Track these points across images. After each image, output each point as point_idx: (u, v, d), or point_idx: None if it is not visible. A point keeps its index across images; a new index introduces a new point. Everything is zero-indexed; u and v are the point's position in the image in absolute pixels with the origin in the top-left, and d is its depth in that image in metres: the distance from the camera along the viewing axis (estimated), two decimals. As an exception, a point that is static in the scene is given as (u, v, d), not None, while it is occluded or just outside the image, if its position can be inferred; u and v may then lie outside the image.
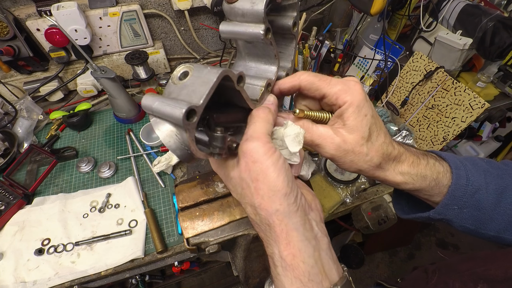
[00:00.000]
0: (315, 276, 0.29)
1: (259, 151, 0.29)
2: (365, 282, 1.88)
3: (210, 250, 0.45)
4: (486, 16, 0.96)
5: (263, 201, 0.29)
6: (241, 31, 0.32)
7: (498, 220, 0.37)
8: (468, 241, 2.04)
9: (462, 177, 0.36)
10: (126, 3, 1.05)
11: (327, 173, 0.90)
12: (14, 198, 0.82)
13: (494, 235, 0.39)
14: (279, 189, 0.28)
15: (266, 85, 0.34)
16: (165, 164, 0.89)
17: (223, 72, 0.26)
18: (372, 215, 0.88)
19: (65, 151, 0.95)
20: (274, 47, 0.33)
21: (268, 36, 0.31)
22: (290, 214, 0.29)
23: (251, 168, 0.29)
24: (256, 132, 0.30)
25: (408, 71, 1.06)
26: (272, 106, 0.34)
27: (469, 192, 0.36)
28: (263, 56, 0.35)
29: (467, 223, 0.38)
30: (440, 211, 0.37)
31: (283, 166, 0.29)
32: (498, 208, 0.37)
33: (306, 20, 1.22)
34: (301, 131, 0.32)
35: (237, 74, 0.29)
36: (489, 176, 0.38)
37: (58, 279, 0.70)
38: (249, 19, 0.31)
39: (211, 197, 0.49)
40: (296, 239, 0.29)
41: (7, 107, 0.99)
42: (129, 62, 1.01)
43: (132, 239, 0.77)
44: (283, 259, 0.29)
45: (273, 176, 0.28)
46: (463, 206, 0.36)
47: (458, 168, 0.37)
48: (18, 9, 0.99)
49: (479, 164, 0.39)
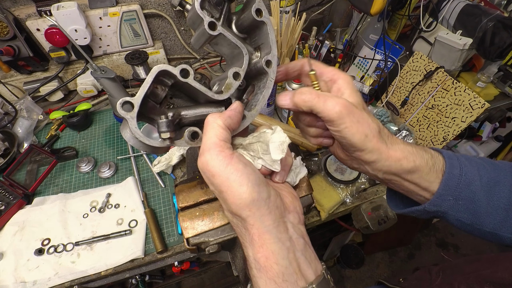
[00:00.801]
0: (289, 277, 0.29)
1: (214, 164, 0.28)
2: (365, 282, 1.88)
3: (210, 250, 0.44)
4: (486, 16, 0.96)
5: (232, 210, 0.30)
6: (198, 35, 0.34)
7: (493, 214, 0.37)
8: (468, 241, 2.04)
9: (456, 167, 0.36)
10: (126, 3, 1.05)
11: (327, 173, 0.90)
12: (14, 198, 0.82)
13: (490, 231, 0.38)
14: (244, 197, 0.28)
15: (233, 74, 0.33)
16: (165, 164, 0.89)
17: (157, 68, 0.28)
18: (372, 215, 0.88)
19: (65, 151, 0.95)
20: (230, 38, 0.33)
21: (215, 28, 0.32)
22: (261, 218, 0.29)
23: (213, 181, 0.29)
24: (206, 144, 0.30)
25: (408, 71, 1.06)
26: (229, 112, 0.33)
27: (463, 183, 0.36)
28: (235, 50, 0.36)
29: (462, 217, 0.37)
30: (436, 201, 0.36)
31: (244, 171, 0.29)
32: (492, 202, 0.37)
33: (306, 20, 1.22)
34: (286, 140, 0.32)
35: (179, 67, 0.30)
36: (482, 169, 0.38)
37: (58, 279, 0.70)
38: (197, 21, 0.32)
39: (211, 197, 0.49)
40: (269, 242, 0.29)
41: (7, 107, 0.99)
42: (129, 62, 1.01)
43: (132, 239, 0.77)
44: (256, 261, 0.29)
45: (235, 187, 0.28)
46: (458, 197, 0.36)
47: (452, 158, 0.37)
48: (18, 9, 0.99)
49: (472, 158, 0.39)
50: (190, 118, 0.33)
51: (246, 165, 0.30)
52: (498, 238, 0.39)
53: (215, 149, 0.29)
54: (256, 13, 0.33)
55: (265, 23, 0.35)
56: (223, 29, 0.32)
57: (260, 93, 0.36)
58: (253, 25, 0.36)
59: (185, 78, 0.30)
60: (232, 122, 0.32)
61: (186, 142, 0.32)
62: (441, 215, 0.38)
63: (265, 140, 0.33)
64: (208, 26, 0.31)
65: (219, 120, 0.31)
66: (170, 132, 0.30)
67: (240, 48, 0.34)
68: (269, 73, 0.35)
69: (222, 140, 0.30)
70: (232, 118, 0.32)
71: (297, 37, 1.07)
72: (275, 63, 0.35)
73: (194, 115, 0.33)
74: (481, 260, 0.49)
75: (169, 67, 0.29)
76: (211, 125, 0.31)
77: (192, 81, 0.31)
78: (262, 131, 0.34)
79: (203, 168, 0.29)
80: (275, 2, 1.04)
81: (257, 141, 0.34)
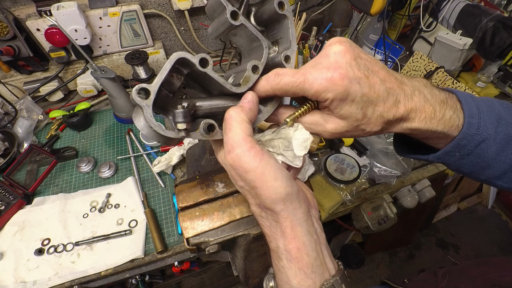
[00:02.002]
0: (317, 268, 0.30)
1: (247, 160, 0.28)
2: (365, 282, 1.88)
3: (210, 250, 0.44)
4: (486, 16, 0.96)
5: (266, 204, 0.29)
6: (217, 24, 0.33)
7: (495, 167, 0.37)
8: (468, 241, 2.05)
9: (473, 126, 0.34)
10: (126, 3, 1.05)
11: (327, 173, 0.90)
12: (14, 198, 0.82)
13: (485, 179, 0.38)
14: (280, 191, 0.28)
15: (251, 67, 0.32)
16: (165, 164, 0.89)
17: (176, 55, 0.27)
18: (372, 215, 0.88)
19: (65, 151, 0.95)
20: (251, 30, 0.33)
21: (237, 18, 0.31)
22: (294, 211, 0.30)
23: (246, 178, 0.28)
24: (235, 140, 0.28)
25: (408, 71, 1.06)
26: (248, 104, 0.31)
27: (475, 141, 0.34)
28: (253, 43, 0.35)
29: (463, 168, 0.38)
30: (440, 156, 0.36)
31: (277, 166, 0.29)
32: (500, 157, 0.36)
33: (306, 20, 1.22)
34: (310, 137, 0.32)
35: (198, 56, 0.29)
36: (502, 124, 0.35)
37: (58, 279, 0.70)
38: (218, 10, 0.32)
39: (211, 197, 0.49)
40: (301, 234, 0.30)
41: (7, 107, 0.99)
42: (129, 62, 1.01)
43: (132, 239, 0.77)
44: (288, 252, 0.30)
45: (270, 181, 0.28)
46: (465, 153, 0.35)
47: (472, 116, 0.34)
48: (18, 9, 0.99)
49: (496, 109, 0.36)
50: (204, 109, 0.32)
51: (276, 160, 0.30)
52: (492, 184, 0.39)
53: (245, 145, 0.28)
54: (278, 5, 0.33)
55: (287, 17, 0.34)
56: (244, 19, 0.32)
57: None
58: (273, 18, 0.35)
59: (204, 67, 0.29)
60: (254, 115, 0.32)
61: (201, 134, 0.31)
62: (442, 163, 0.38)
63: (287, 137, 0.33)
64: (230, 15, 0.31)
65: (243, 114, 0.30)
66: (187, 123, 0.29)
67: (260, 40, 0.34)
68: (287, 68, 0.34)
69: (249, 136, 0.29)
70: (253, 110, 0.32)
71: (297, 37, 1.06)
72: (293, 58, 0.35)
73: (209, 107, 0.32)
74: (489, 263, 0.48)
75: (188, 55, 0.28)
76: (236, 120, 0.29)
77: (211, 71, 0.30)
78: (282, 128, 0.34)
79: (235, 164, 0.28)
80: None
81: (278, 138, 0.34)
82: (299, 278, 0.29)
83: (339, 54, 0.30)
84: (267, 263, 0.35)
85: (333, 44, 0.31)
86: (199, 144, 0.70)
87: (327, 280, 0.30)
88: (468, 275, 0.49)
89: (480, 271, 0.47)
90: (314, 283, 0.29)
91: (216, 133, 0.31)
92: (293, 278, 0.29)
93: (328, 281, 0.30)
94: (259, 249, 0.50)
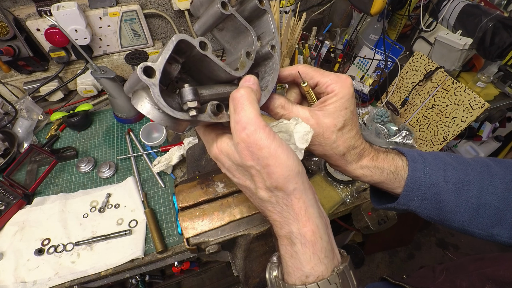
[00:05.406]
0: (329, 253, 0.30)
1: (261, 137, 0.27)
2: (365, 282, 1.87)
3: (210, 250, 0.45)
4: (486, 16, 0.96)
5: (279, 183, 0.28)
6: (205, 18, 0.34)
7: (461, 213, 0.39)
8: (468, 241, 2.05)
9: (419, 170, 0.38)
10: (126, 3, 1.05)
11: (327, 173, 0.90)
12: (14, 198, 0.82)
13: (459, 227, 0.40)
14: (292, 168, 0.28)
15: (245, 54, 0.33)
16: (165, 164, 0.89)
17: (177, 37, 0.27)
18: (372, 215, 0.88)
19: (65, 151, 0.95)
20: (240, 19, 0.33)
21: (227, 8, 0.32)
22: (306, 191, 0.30)
23: (259, 155, 0.28)
24: (250, 117, 0.28)
25: (408, 71, 1.06)
26: (253, 85, 0.32)
27: (427, 185, 0.38)
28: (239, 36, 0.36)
29: (431, 214, 0.40)
30: (402, 202, 0.39)
31: (287, 146, 0.29)
32: (460, 201, 0.38)
33: (306, 20, 1.22)
34: (311, 130, 0.33)
35: (198, 39, 0.28)
36: (451, 170, 0.39)
37: (58, 279, 0.70)
38: (205, 3, 0.33)
39: (211, 197, 0.49)
40: (314, 216, 0.30)
41: (7, 107, 0.99)
42: (129, 62, 1.01)
43: (132, 239, 0.77)
44: (302, 235, 0.29)
45: (283, 158, 0.28)
46: (423, 197, 0.38)
47: (416, 161, 0.39)
48: (18, 9, 0.99)
49: (442, 158, 0.41)
50: (205, 97, 0.31)
51: (285, 142, 0.30)
52: (467, 232, 0.41)
53: (259, 123, 0.28)
54: (259, 1, 0.34)
55: (267, 11, 0.36)
56: (233, 9, 0.32)
57: (269, 75, 0.36)
58: (253, 15, 0.36)
59: (204, 50, 0.29)
60: (259, 95, 0.32)
61: (209, 116, 0.30)
62: (411, 211, 0.41)
63: (288, 130, 0.33)
64: (221, 4, 0.31)
65: (253, 94, 0.29)
66: (198, 101, 0.28)
67: (248, 30, 0.34)
68: (274, 56, 0.36)
69: (260, 116, 0.29)
70: (259, 92, 0.32)
71: (297, 37, 1.07)
72: (278, 47, 0.36)
73: (209, 93, 0.32)
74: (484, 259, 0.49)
75: (188, 37, 0.27)
76: (248, 99, 0.29)
77: (210, 54, 0.29)
78: (281, 122, 0.34)
79: (249, 140, 0.27)
80: (275, 2, 1.04)
81: (279, 131, 0.34)
82: (312, 263, 0.29)
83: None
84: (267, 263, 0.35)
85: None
86: (199, 144, 0.70)
87: (336, 266, 0.30)
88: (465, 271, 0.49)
89: (476, 266, 0.48)
90: (327, 268, 0.29)
91: (223, 115, 0.31)
92: (307, 263, 0.29)
93: (338, 267, 0.29)
94: (259, 249, 0.50)
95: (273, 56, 0.36)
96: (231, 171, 0.32)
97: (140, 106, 0.27)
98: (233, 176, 0.32)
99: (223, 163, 0.32)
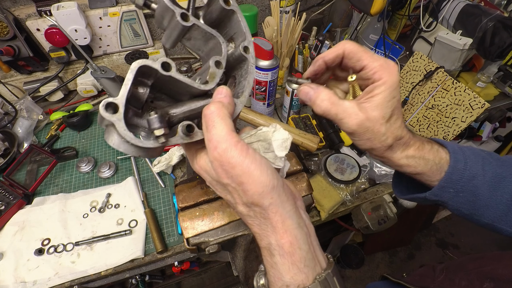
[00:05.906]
0: (310, 262, 0.30)
1: (233, 155, 0.27)
2: (365, 282, 1.88)
3: (210, 250, 0.45)
4: (486, 16, 0.96)
5: (254, 200, 0.29)
6: (169, 31, 0.32)
7: (493, 208, 0.38)
8: (468, 241, 2.05)
9: (460, 162, 0.38)
10: (126, 3, 1.05)
11: (327, 173, 0.90)
12: (14, 198, 0.82)
13: (488, 222, 0.39)
14: (266, 184, 0.28)
15: (214, 63, 0.32)
16: (165, 164, 0.89)
17: (137, 64, 0.26)
18: (372, 215, 0.88)
19: (65, 151, 0.95)
20: (204, 28, 0.32)
21: (187, 19, 0.31)
22: (283, 204, 0.30)
23: (232, 173, 0.28)
24: (220, 135, 0.27)
25: (408, 71, 1.06)
26: (225, 98, 0.31)
27: (466, 177, 0.37)
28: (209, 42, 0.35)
29: (462, 208, 0.39)
30: (436, 192, 0.38)
31: (261, 160, 0.29)
32: (494, 197, 0.38)
33: (306, 20, 1.22)
34: (289, 136, 0.32)
35: (160, 60, 0.28)
36: (488, 164, 0.38)
37: (58, 279, 0.70)
38: (167, 16, 0.31)
39: (211, 197, 0.49)
40: (292, 227, 0.30)
41: (7, 107, 0.99)
42: (129, 62, 1.02)
43: (132, 239, 0.77)
44: (280, 247, 0.29)
45: (257, 174, 0.28)
46: (459, 190, 0.38)
47: (456, 153, 0.38)
48: (18, 9, 0.99)
49: (478, 153, 0.40)
50: (179, 115, 0.31)
51: (260, 155, 0.29)
52: (495, 229, 0.40)
53: (231, 140, 0.27)
54: (224, 1, 0.33)
55: (235, 11, 0.34)
56: (195, 19, 0.31)
57: (244, 79, 0.35)
58: (222, 16, 0.35)
59: (167, 71, 0.28)
60: (232, 109, 0.31)
61: (181, 138, 0.29)
62: (441, 203, 0.40)
63: (266, 139, 0.33)
64: (180, 17, 0.30)
65: (224, 109, 0.29)
66: (164, 127, 0.27)
67: (215, 37, 0.33)
68: (248, 58, 0.34)
69: (233, 131, 0.28)
70: (232, 104, 0.31)
71: (297, 37, 1.07)
72: (252, 48, 0.34)
73: (182, 111, 0.31)
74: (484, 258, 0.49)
75: (148, 61, 0.27)
76: (218, 115, 0.28)
77: (175, 74, 0.29)
78: (259, 130, 0.33)
79: (221, 159, 0.27)
80: (275, 2, 1.04)
81: (257, 140, 0.33)
82: (292, 273, 0.29)
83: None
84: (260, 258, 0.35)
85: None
86: (199, 144, 0.69)
87: (319, 274, 0.30)
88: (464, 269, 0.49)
89: (476, 265, 0.48)
90: (307, 277, 0.29)
91: (196, 134, 0.31)
92: (286, 273, 0.29)
93: (320, 275, 0.29)
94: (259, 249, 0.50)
95: (247, 59, 0.34)
96: (212, 185, 0.32)
97: (111, 141, 0.27)
98: (216, 190, 0.33)
99: (205, 178, 0.33)
